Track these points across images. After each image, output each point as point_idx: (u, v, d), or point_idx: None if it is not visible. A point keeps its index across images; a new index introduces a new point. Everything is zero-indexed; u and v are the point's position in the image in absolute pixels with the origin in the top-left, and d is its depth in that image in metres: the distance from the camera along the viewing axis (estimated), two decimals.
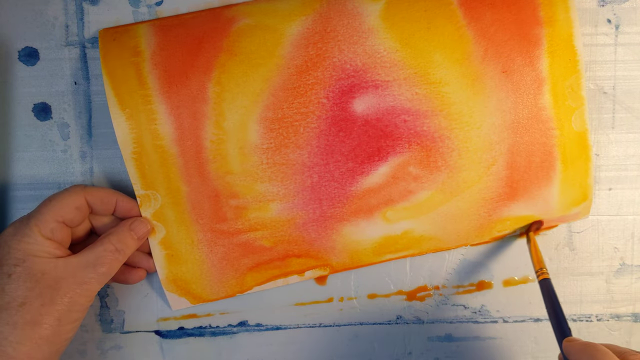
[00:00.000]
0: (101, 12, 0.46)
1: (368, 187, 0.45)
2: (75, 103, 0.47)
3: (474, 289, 0.49)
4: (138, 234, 0.44)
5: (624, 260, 0.49)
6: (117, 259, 0.42)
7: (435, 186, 0.45)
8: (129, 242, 0.43)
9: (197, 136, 0.44)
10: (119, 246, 0.42)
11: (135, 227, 0.44)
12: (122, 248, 0.42)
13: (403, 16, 0.44)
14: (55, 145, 0.47)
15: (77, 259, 0.41)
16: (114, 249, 0.42)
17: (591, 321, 0.49)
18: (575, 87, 0.45)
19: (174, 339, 0.49)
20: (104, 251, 0.42)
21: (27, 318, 0.39)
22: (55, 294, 0.40)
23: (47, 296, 0.39)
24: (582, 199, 0.46)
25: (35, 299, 0.39)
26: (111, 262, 0.42)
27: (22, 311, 0.39)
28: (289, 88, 0.44)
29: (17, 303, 0.39)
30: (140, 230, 0.44)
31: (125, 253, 0.43)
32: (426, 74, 0.44)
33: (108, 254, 0.42)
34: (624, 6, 0.47)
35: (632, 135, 0.48)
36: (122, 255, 0.43)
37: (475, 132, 0.45)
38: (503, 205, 0.46)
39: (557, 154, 0.45)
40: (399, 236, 0.46)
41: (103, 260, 0.41)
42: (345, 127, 0.45)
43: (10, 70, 0.46)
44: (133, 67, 0.44)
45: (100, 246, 0.42)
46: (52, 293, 0.40)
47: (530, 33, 0.44)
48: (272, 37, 0.44)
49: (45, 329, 0.39)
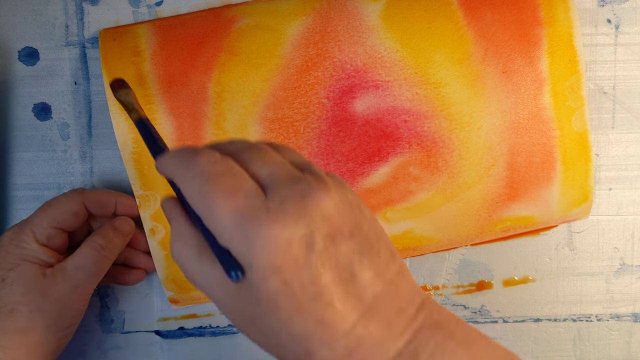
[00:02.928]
0: (101, 12, 0.46)
1: (368, 188, 0.45)
2: (75, 103, 0.47)
3: (474, 289, 0.49)
4: (122, 231, 0.44)
5: (624, 260, 0.49)
6: (104, 257, 0.42)
7: (435, 187, 0.45)
8: (113, 239, 0.43)
9: (197, 136, 0.44)
10: (103, 243, 0.42)
11: (119, 224, 0.44)
12: (107, 245, 0.42)
13: (403, 16, 0.44)
14: (55, 145, 0.47)
15: (67, 264, 0.41)
16: (99, 247, 0.42)
17: (591, 321, 0.49)
18: (576, 87, 0.45)
19: (174, 339, 0.49)
20: (90, 250, 0.42)
21: (17, 324, 0.39)
22: (46, 300, 0.40)
23: (38, 303, 0.39)
24: (583, 200, 0.46)
25: (26, 305, 0.39)
26: (100, 262, 0.42)
27: (13, 317, 0.39)
28: (289, 88, 0.44)
29: (7, 309, 0.39)
30: (124, 227, 0.44)
31: (111, 251, 0.43)
32: (426, 74, 0.44)
33: (94, 252, 0.41)
34: (624, 6, 0.47)
35: (632, 135, 0.48)
36: (109, 253, 0.42)
37: (476, 132, 0.45)
38: (503, 206, 0.46)
39: (557, 154, 0.45)
40: (399, 236, 0.46)
41: (91, 260, 0.41)
42: (345, 127, 0.45)
43: (10, 70, 0.46)
44: (133, 67, 0.44)
45: (86, 247, 0.42)
46: (43, 300, 0.40)
47: (530, 33, 0.44)
48: (272, 37, 0.44)
49: (37, 335, 0.39)
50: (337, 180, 0.30)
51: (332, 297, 0.27)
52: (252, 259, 0.27)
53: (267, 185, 0.29)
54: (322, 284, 0.27)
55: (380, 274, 0.29)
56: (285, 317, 0.27)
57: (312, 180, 0.29)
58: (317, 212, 0.28)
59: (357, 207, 0.30)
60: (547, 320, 0.49)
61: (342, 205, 0.29)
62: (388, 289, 0.29)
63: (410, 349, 0.28)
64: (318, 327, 0.27)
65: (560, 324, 0.49)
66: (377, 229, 0.30)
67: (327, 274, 0.27)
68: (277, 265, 0.27)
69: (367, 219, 0.30)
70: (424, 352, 0.28)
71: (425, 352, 0.28)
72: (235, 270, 0.28)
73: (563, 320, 0.49)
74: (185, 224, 0.31)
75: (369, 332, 0.28)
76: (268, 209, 0.27)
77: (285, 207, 0.27)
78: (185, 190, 0.30)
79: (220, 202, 0.28)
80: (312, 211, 0.28)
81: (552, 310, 0.49)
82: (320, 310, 0.27)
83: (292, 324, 0.27)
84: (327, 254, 0.27)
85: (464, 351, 0.28)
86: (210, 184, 0.28)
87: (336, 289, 0.27)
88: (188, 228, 0.31)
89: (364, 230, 0.29)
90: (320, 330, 0.27)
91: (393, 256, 0.30)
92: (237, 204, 0.28)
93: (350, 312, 0.28)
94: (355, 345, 0.27)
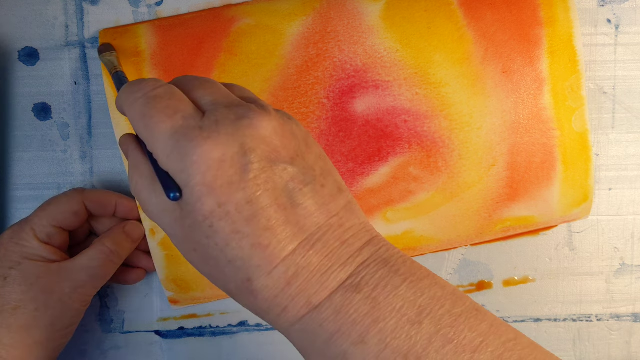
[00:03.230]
0: (101, 12, 0.46)
1: (368, 188, 0.45)
2: (75, 103, 0.47)
3: (474, 289, 0.49)
4: (132, 237, 0.44)
5: (624, 260, 0.49)
6: (112, 262, 0.42)
7: (435, 187, 0.45)
8: (123, 244, 0.43)
9: None
10: (113, 249, 0.42)
11: (130, 230, 0.44)
12: (116, 250, 0.42)
13: (403, 16, 0.44)
14: (55, 145, 0.47)
15: (72, 263, 0.41)
16: (108, 252, 0.42)
17: (591, 321, 0.49)
18: (576, 87, 0.45)
19: (174, 339, 0.49)
20: (98, 254, 0.42)
21: (21, 322, 0.39)
22: (49, 298, 0.40)
23: (41, 300, 0.39)
24: (583, 200, 0.46)
25: (29, 302, 0.39)
26: (106, 266, 0.42)
27: (16, 315, 0.39)
28: (290, 88, 0.44)
29: (11, 307, 0.39)
30: (135, 233, 0.44)
31: (120, 256, 0.43)
32: (426, 74, 0.44)
33: (103, 256, 0.42)
34: (624, 6, 0.47)
35: (632, 135, 0.48)
36: (117, 257, 0.42)
37: (476, 132, 0.45)
38: (503, 206, 0.46)
39: (557, 154, 0.45)
40: (399, 236, 0.46)
41: (98, 263, 0.41)
42: (345, 127, 0.45)
43: (10, 70, 0.46)
44: (133, 67, 0.44)
45: (94, 249, 0.42)
46: (46, 297, 0.40)
47: (530, 33, 0.44)
48: (272, 37, 0.44)
49: (39, 334, 0.39)
50: (283, 114, 0.30)
51: (269, 220, 0.27)
52: (187, 179, 0.27)
53: (207, 109, 0.29)
54: (258, 206, 0.27)
55: (324, 205, 0.28)
56: (222, 240, 0.27)
57: (254, 107, 0.29)
58: (253, 132, 0.27)
59: (303, 140, 0.29)
60: (547, 320, 0.49)
61: (283, 132, 0.29)
62: (332, 221, 0.28)
63: (352, 281, 0.28)
64: (255, 252, 0.27)
65: (560, 324, 0.49)
66: (326, 165, 0.30)
67: (263, 196, 0.27)
68: (210, 184, 0.27)
69: (314, 153, 0.30)
70: (366, 285, 0.28)
71: (368, 285, 0.28)
72: (173, 191, 0.28)
73: (563, 320, 0.49)
74: (139, 155, 0.31)
75: (308, 261, 0.28)
76: (202, 127, 0.27)
77: (219, 127, 0.27)
78: (129, 115, 0.30)
79: (158, 123, 0.28)
80: (247, 131, 0.27)
81: (552, 310, 0.49)
82: (257, 233, 0.27)
83: (229, 248, 0.27)
84: (264, 176, 0.27)
85: (408, 286, 0.28)
86: (150, 105, 0.29)
87: (274, 213, 0.27)
88: (142, 158, 0.31)
89: (307, 161, 0.29)
90: (257, 255, 0.27)
91: (340, 192, 0.30)
92: (174, 124, 0.28)
93: (289, 239, 0.27)
94: (293, 274, 0.27)
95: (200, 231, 0.28)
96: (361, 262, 0.28)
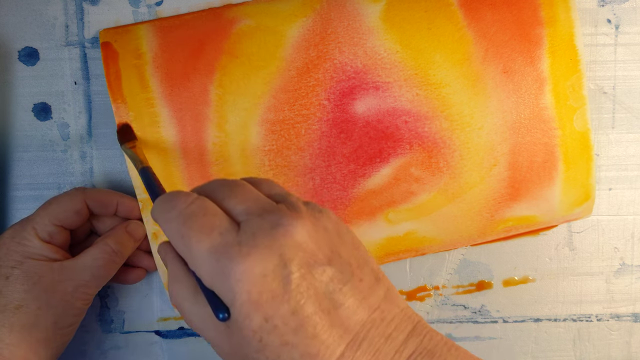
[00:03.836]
0: (101, 12, 0.46)
1: (370, 189, 0.45)
2: (75, 103, 0.47)
3: (474, 289, 0.49)
4: (135, 236, 0.44)
5: (624, 260, 0.49)
6: (114, 262, 0.42)
7: (437, 187, 0.45)
8: (126, 244, 0.43)
9: (199, 138, 0.44)
10: (116, 248, 0.42)
11: (132, 229, 0.44)
12: (119, 250, 0.42)
13: (403, 17, 0.44)
14: (55, 145, 0.47)
15: (74, 262, 0.41)
16: (111, 251, 0.42)
17: (591, 321, 0.49)
18: (577, 87, 0.45)
19: (174, 339, 0.49)
20: (101, 253, 0.42)
21: (23, 321, 0.39)
22: (52, 297, 0.40)
23: (44, 299, 0.39)
24: (585, 199, 0.46)
25: (32, 301, 0.39)
26: (108, 265, 0.42)
27: (19, 314, 0.39)
28: (290, 90, 0.44)
29: (13, 305, 0.39)
30: (137, 232, 0.44)
31: (122, 255, 0.43)
32: (427, 75, 0.44)
33: (105, 256, 0.42)
34: (624, 6, 0.47)
35: (632, 135, 0.48)
36: (119, 257, 0.42)
37: (477, 133, 0.45)
38: (505, 206, 0.46)
39: (559, 154, 0.45)
40: (401, 237, 0.46)
41: (101, 262, 0.41)
42: (346, 128, 0.45)
43: (10, 70, 0.46)
44: (135, 71, 0.44)
45: (97, 249, 0.42)
46: (49, 296, 0.40)
47: (531, 33, 0.44)
48: (272, 39, 0.44)
49: (42, 332, 0.39)
50: (313, 208, 0.30)
51: (315, 328, 0.27)
52: (233, 298, 0.27)
53: (242, 220, 0.29)
54: (304, 315, 0.27)
55: (364, 300, 0.29)
56: (273, 353, 0.27)
57: (285, 209, 0.29)
58: (289, 241, 0.28)
59: (336, 233, 0.30)
60: (547, 320, 0.49)
61: (317, 232, 0.29)
62: (374, 316, 0.29)
63: None
64: None
65: (560, 324, 0.49)
66: (360, 254, 0.30)
67: (307, 304, 0.27)
68: (256, 301, 0.27)
69: (347, 244, 0.30)
70: None
71: None
72: (222, 311, 0.28)
73: (563, 320, 0.49)
74: (180, 267, 0.31)
75: None
76: (240, 243, 0.28)
77: (256, 240, 0.27)
78: (166, 233, 0.30)
79: (197, 243, 0.28)
80: (283, 240, 0.28)
81: (552, 310, 0.49)
82: (305, 342, 0.27)
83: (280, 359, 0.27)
84: (305, 283, 0.27)
85: None
86: (187, 225, 0.29)
87: (319, 319, 0.27)
88: (183, 270, 0.31)
89: (343, 256, 0.29)
90: None
91: (378, 281, 0.30)
92: (212, 242, 0.28)
93: (336, 343, 0.27)
94: None
95: (250, 346, 0.28)
96: (407, 357, 0.28)
